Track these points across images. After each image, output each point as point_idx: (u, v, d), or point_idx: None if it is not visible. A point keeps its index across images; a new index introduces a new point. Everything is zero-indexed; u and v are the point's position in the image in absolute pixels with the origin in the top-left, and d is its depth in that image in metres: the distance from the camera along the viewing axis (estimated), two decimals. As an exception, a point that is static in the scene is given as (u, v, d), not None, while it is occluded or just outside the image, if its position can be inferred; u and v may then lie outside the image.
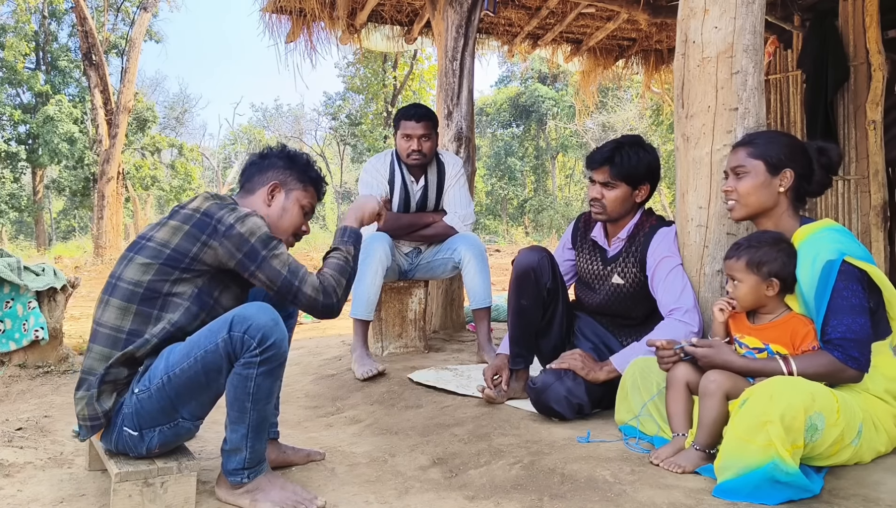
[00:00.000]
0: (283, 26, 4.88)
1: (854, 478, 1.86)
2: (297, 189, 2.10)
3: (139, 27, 16.53)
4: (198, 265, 1.86)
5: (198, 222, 1.87)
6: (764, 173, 2.08)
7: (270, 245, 1.88)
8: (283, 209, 2.07)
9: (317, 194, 2.16)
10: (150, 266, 1.84)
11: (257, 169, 2.10)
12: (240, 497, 1.86)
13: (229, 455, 1.84)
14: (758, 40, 2.33)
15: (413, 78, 25.32)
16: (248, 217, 1.88)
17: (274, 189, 2.06)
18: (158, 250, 1.85)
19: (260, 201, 2.06)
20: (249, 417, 1.80)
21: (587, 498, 1.81)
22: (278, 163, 2.10)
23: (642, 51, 6.29)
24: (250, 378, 1.77)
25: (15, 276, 3.40)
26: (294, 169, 2.11)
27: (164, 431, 1.82)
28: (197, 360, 1.76)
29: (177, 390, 1.78)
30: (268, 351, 1.75)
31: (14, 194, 22.26)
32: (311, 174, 2.13)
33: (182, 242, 1.85)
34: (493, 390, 2.60)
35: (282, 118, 36.28)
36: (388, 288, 3.57)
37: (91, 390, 1.81)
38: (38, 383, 3.21)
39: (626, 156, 2.49)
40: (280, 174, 2.08)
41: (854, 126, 4.68)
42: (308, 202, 2.12)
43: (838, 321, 1.89)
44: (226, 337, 1.75)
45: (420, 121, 3.48)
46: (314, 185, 2.14)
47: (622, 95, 23.50)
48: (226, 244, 1.84)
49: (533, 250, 2.61)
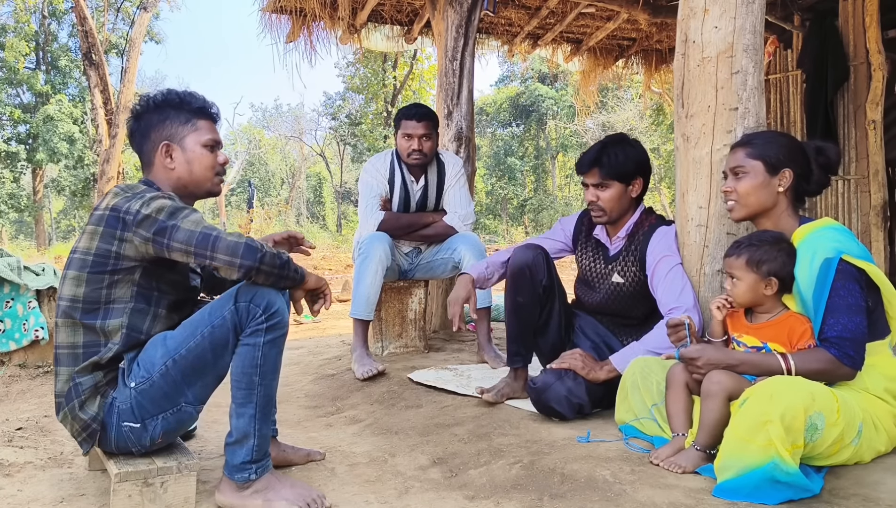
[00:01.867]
0: (282, 26, 4.88)
1: (854, 478, 1.85)
2: (188, 133, 1.94)
3: (139, 27, 16.51)
4: (124, 263, 1.80)
5: (109, 220, 1.80)
6: (763, 174, 2.09)
7: (179, 215, 1.77)
8: (188, 162, 1.93)
9: (211, 121, 1.99)
10: (80, 278, 1.80)
11: (140, 136, 1.95)
12: (250, 499, 1.81)
13: (235, 447, 1.81)
14: (758, 40, 2.33)
15: (413, 78, 25.32)
16: (154, 199, 1.78)
17: (167, 149, 1.92)
18: (83, 259, 1.81)
19: (161, 169, 1.93)
20: (257, 394, 1.79)
21: (587, 498, 1.81)
22: (154, 119, 1.94)
23: (642, 51, 6.29)
24: (257, 348, 1.77)
25: (15, 275, 3.40)
26: (171, 115, 1.94)
27: (167, 418, 1.81)
28: (204, 337, 1.77)
29: (183, 371, 1.78)
30: (273, 317, 1.77)
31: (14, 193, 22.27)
32: (191, 108, 1.96)
33: (100, 244, 1.80)
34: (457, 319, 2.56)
35: (281, 118, 36.30)
36: (388, 288, 3.57)
37: (71, 402, 1.80)
38: (38, 383, 3.21)
39: (613, 154, 2.51)
40: (162, 130, 1.93)
41: (854, 126, 4.68)
42: (207, 138, 1.96)
43: (835, 320, 1.89)
44: (231, 308, 1.76)
45: (421, 120, 3.48)
46: (201, 116, 1.97)
47: (622, 95, 23.51)
48: (139, 232, 1.77)
49: (528, 247, 2.62)
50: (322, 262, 14.18)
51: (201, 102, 1.99)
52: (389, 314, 3.61)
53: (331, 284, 10.18)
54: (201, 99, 1.99)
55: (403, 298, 3.63)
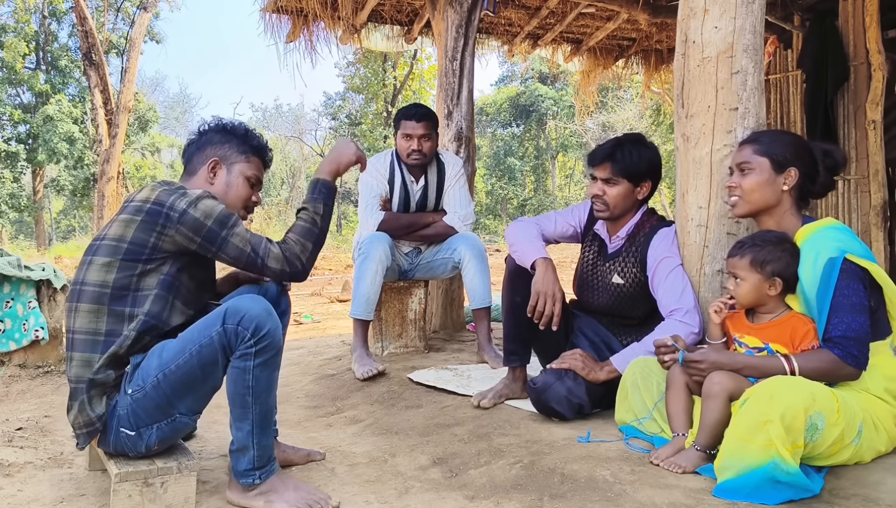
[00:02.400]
0: (282, 26, 4.88)
1: (854, 478, 1.85)
2: (239, 162, 2.02)
3: (139, 27, 16.52)
4: (158, 254, 1.83)
5: (150, 212, 1.81)
6: (769, 171, 2.08)
7: (228, 224, 1.84)
8: (227, 185, 2.00)
9: (262, 163, 2.08)
10: (111, 264, 1.81)
11: (196, 148, 2.03)
12: (253, 500, 1.84)
13: (237, 455, 1.84)
14: (758, 40, 2.33)
15: (413, 78, 25.33)
16: (201, 200, 1.83)
17: (214, 166, 1.99)
18: (115, 246, 1.82)
19: (202, 181, 1.99)
20: (252, 412, 1.80)
21: (587, 498, 1.81)
22: (215, 138, 2.02)
23: (642, 51, 6.29)
24: (248, 371, 1.77)
25: (16, 270, 3.39)
26: (233, 141, 2.02)
27: (161, 428, 1.81)
28: (192, 355, 1.76)
29: (173, 386, 1.77)
30: (262, 341, 1.76)
31: (14, 193, 22.26)
32: (251, 143, 2.05)
33: (137, 233, 1.81)
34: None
35: (281, 118, 36.36)
36: (388, 288, 3.57)
37: (82, 395, 1.80)
38: (38, 383, 3.21)
39: (628, 152, 2.50)
40: (219, 149, 2.01)
41: (854, 126, 4.68)
42: (253, 173, 2.04)
43: (839, 320, 1.89)
44: (220, 330, 1.75)
45: (420, 121, 3.48)
46: (257, 154, 2.06)
47: (622, 95, 23.51)
48: (182, 231, 1.81)
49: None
50: (322, 262, 14.18)
51: (263, 144, 2.09)
52: (389, 314, 3.61)
53: (330, 284, 10.18)
54: (264, 142, 2.09)
55: (403, 298, 3.63)
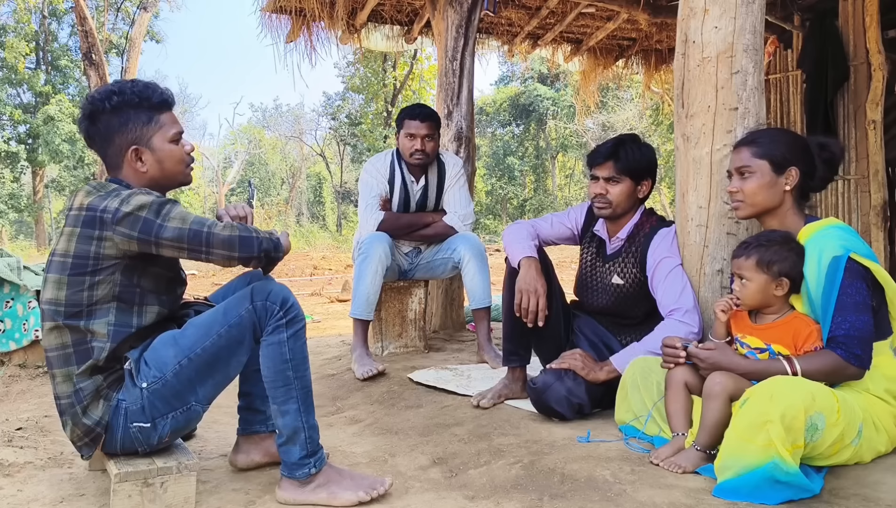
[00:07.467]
0: (282, 26, 4.87)
1: (854, 478, 1.85)
2: (153, 133, 1.86)
3: (139, 27, 16.53)
4: (104, 263, 1.76)
5: (85, 221, 1.75)
6: (769, 173, 2.08)
7: (163, 211, 1.73)
8: (159, 161, 1.87)
9: (170, 111, 1.90)
10: (60, 282, 1.77)
11: (101, 141, 1.86)
12: (314, 494, 1.83)
13: (287, 447, 1.84)
14: (758, 40, 2.33)
15: (413, 78, 25.33)
16: (132, 196, 1.74)
17: (136, 154, 1.85)
18: (62, 262, 1.77)
19: (132, 172, 1.86)
20: (295, 388, 1.83)
21: (587, 498, 1.81)
22: (113, 122, 1.83)
23: (642, 51, 6.29)
24: (283, 343, 1.81)
25: (15, 276, 3.40)
26: (131, 115, 1.84)
27: (176, 417, 1.83)
28: (221, 336, 1.79)
29: (198, 369, 1.80)
30: (290, 312, 1.82)
31: (14, 193, 22.28)
32: (149, 103, 1.86)
33: (79, 246, 1.75)
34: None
35: (281, 118, 36.31)
36: (388, 288, 3.57)
37: (73, 409, 1.79)
38: (38, 383, 3.21)
39: (630, 151, 2.52)
40: (126, 134, 1.84)
41: (854, 126, 4.68)
42: (172, 131, 1.88)
43: (842, 319, 1.88)
44: (249, 307, 1.79)
45: (424, 121, 3.48)
46: (160, 109, 1.88)
47: (622, 95, 23.52)
48: (119, 230, 1.72)
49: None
50: (322, 262, 14.18)
51: (158, 94, 1.88)
52: (389, 314, 3.61)
53: (330, 283, 10.19)
54: (157, 91, 1.88)
55: (403, 298, 3.63)
